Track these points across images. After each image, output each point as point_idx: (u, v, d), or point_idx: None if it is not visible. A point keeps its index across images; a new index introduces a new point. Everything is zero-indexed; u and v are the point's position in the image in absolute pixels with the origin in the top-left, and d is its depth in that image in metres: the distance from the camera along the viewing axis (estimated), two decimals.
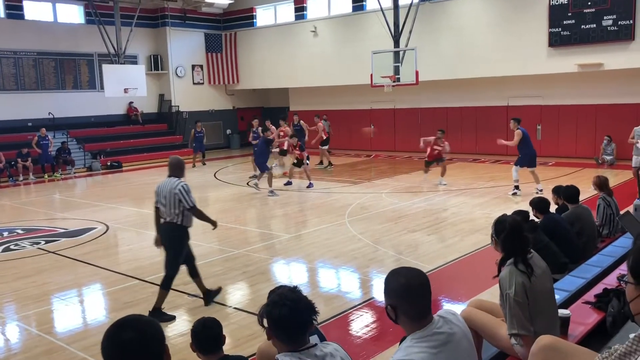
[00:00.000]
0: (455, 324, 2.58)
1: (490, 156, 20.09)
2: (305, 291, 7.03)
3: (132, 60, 24.13)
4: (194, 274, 6.65)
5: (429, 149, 14.89)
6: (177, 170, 6.43)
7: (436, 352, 2.42)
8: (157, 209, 6.50)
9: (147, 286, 7.39)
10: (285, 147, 17.15)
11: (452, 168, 17.95)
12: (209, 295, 6.71)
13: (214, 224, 6.54)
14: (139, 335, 1.86)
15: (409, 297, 2.49)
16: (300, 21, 24.33)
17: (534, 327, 3.53)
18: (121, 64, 22.35)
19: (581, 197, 7.02)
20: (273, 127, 17.29)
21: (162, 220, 6.45)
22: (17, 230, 11.21)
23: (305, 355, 2.48)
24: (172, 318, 6.28)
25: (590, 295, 4.49)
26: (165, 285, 6.33)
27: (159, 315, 6.16)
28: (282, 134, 17.21)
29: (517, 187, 13.04)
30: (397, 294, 2.51)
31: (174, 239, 6.41)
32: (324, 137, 19.13)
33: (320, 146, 19.17)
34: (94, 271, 8.29)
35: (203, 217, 6.46)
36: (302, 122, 19.32)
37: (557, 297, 4.29)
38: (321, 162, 19.31)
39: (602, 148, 17.56)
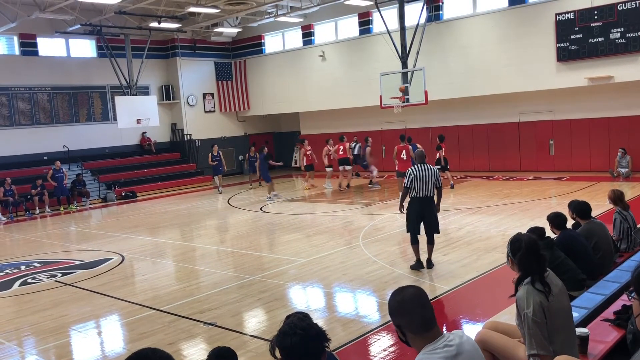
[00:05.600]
0: (466, 340, 2.65)
1: (503, 173, 19.99)
2: (321, 316, 7.06)
3: (144, 91, 24.49)
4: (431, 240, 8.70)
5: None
6: (424, 158, 8.67)
7: None
8: (408, 189, 8.46)
9: (164, 316, 7.39)
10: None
11: (465, 186, 17.91)
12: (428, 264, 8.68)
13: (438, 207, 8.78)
14: None
15: (406, 309, 2.59)
16: (308, 46, 24.58)
17: (552, 346, 3.48)
18: (133, 95, 22.74)
19: (597, 212, 6.95)
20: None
21: (414, 196, 8.42)
22: (34, 264, 11.30)
23: None
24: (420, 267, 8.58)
25: (609, 313, 4.41)
26: (433, 241, 8.71)
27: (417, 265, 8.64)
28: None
29: None
30: (397, 311, 2.63)
31: (434, 207, 8.60)
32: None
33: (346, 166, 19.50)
34: (111, 302, 8.31)
35: (441, 195, 8.66)
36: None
37: (575, 314, 4.22)
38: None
39: (616, 161, 17.40)
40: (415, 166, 8.50)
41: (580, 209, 6.75)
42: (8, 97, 21.22)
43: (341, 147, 19.17)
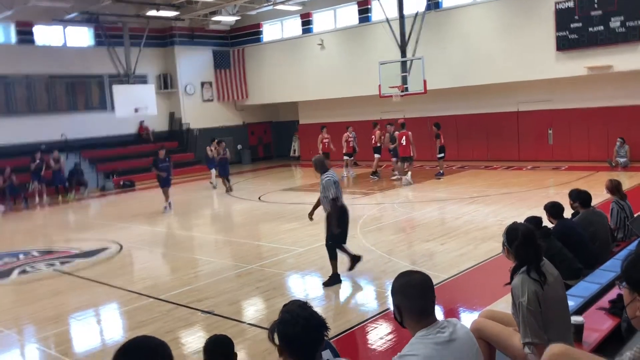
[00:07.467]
0: (460, 328, 2.69)
1: (502, 162, 19.99)
2: (319, 304, 7.08)
3: (142, 79, 24.38)
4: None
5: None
6: (326, 163, 8.12)
7: (441, 349, 2.55)
8: (336, 199, 7.81)
9: (162, 304, 7.42)
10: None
11: (464, 176, 17.92)
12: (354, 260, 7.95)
13: None
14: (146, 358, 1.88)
15: (409, 294, 2.65)
16: (307, 35, 24.48)
17: (547, 335, 3.50)
18: (131, 84, 22.65)
19: (595, 201, 6.96)
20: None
21: (341, 204, 7.91)
22: (32, 253, 11.31)
23: None
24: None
25: (604, 301, 4.44)
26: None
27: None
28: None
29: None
30: (399, 291, 2.69)
31: None
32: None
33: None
34: (109, 291, 8.34)
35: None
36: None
37: (571, 303, 4.24)
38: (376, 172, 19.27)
39: (615, 150, 17.40)
40: (330, 173, 7.86)
41: (582, 197, 6.78)
42: (5, 85, 21.12)
43: (372, 136, 19.10)
